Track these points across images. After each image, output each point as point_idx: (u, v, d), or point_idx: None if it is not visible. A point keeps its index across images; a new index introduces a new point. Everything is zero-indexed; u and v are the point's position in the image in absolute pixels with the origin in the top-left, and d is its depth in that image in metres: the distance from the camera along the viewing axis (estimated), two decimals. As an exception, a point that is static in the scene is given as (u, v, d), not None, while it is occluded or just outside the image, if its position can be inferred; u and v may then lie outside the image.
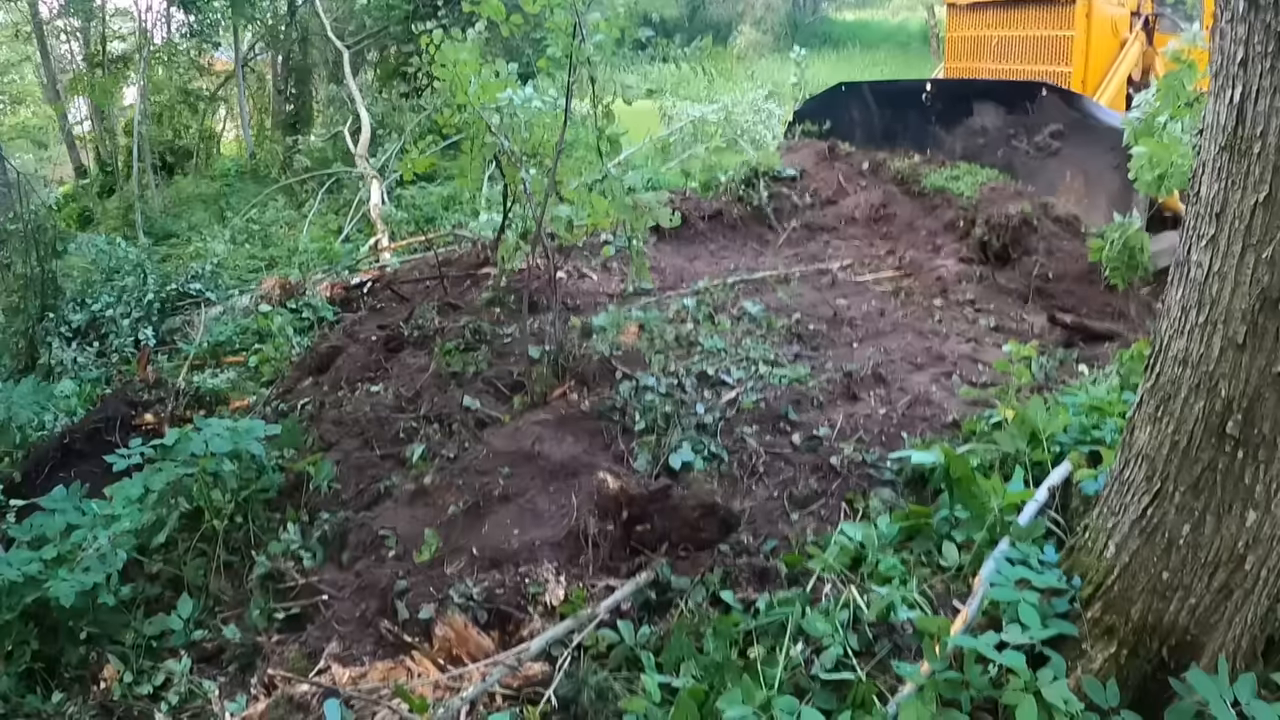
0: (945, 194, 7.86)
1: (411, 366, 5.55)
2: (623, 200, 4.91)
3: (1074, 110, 7.04)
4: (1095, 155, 6.70)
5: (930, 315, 6.37)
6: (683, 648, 3.10)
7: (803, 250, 7.96)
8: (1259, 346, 2.33)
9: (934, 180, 8.03)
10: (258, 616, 3.78)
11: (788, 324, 6.10)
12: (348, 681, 3.20)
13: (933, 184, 8.02)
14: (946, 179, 7.97)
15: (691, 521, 3.70)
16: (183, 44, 19.22)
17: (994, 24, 8.87)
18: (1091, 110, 7.16)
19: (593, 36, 4.61)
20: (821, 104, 9.60)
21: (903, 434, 4.47)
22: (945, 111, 8.21)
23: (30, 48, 21.60)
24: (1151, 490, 2.61)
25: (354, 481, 4.59)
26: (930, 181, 8.05)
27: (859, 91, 9.24)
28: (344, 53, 16.21)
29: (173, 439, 4.29)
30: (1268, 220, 2.26)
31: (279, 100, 20.48)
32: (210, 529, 4.17)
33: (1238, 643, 2.57)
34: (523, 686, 3.12)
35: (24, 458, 5.90)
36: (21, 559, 3.71)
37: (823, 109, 9.48)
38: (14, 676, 3.57)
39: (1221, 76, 2.36)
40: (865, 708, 2.73)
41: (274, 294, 8.07)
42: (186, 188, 17.89)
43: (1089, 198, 6.86)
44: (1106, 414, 3.91)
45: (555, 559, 3.69)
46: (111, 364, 7.75)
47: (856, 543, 3.48)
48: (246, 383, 6.67)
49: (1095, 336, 5.79)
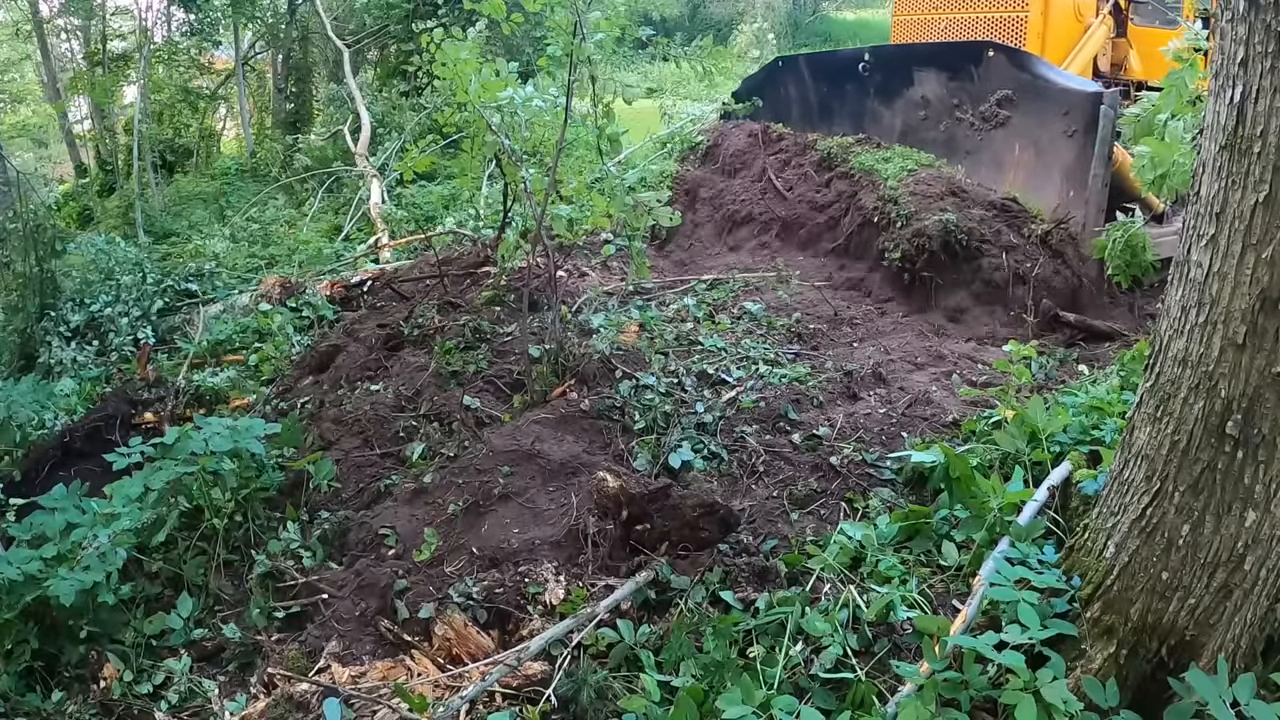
0: (872, 176, 6.97)
1: (411, 365, 5.55)
2: (622, 199, 4.91)
3: (1023, 72, 6.42)
4: (1047, 123, 6.09)
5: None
6: (682, 647, 3.10)
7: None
8: (1259, 346, 2.33)
9: (862, 160, 7.15)
10: (257, 615, 3.79)
11: (788, 323, 6.10)
12: (347, 680, 3.20)
13: (861, 164, 7.15)
14: (877, 160, 7.08)
15: (691, 521, 3.69)
16: (183, 42, 19.20)
17: (943, 6, 8.31)
18: (1043, 71, 6.47)
19: (593, 35, 4.61)
20: (759, 81, 8.93)
21: (903, 434, 4.47)
22: (885, 83, 7.53)
23: (30, 46, 21.59)
24: (1151, 490, 2.61)
25: (354, 480, 4.59)
26: (859, 161, 7.18)
27: (795, 66, 8.53)
28: (344, 51, 16.20)
29: (173, 438, 4.29)
30: (1268, 220, 2.26)
31: (279, 99, 20.47)
32: (210, 528, 4.17)
33: (1237, 643, 2.57)
34: (522, 686, 3.12)
35: (24, 456, 5.90)
36: (21, 558, 3.70)
37: (760, 87, 8.82)
38: (14, 675, 3.57)
39: (1222, 76, 2.35)
40: (864, 707, 2.74)
41: (274, 292, 8.07)
42: (187, 186, 17.87)
43: (1040, 172, 6.27)
44: (1106, 414, 3.91)
45: (555, 558, 3.69)
46: (110, 362, 7.75)
47: (856, 542, 3.48)
48: (246, 381, 6.67)
49: (1097, 336, 5.79)
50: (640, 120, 14.66)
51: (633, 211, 4.92)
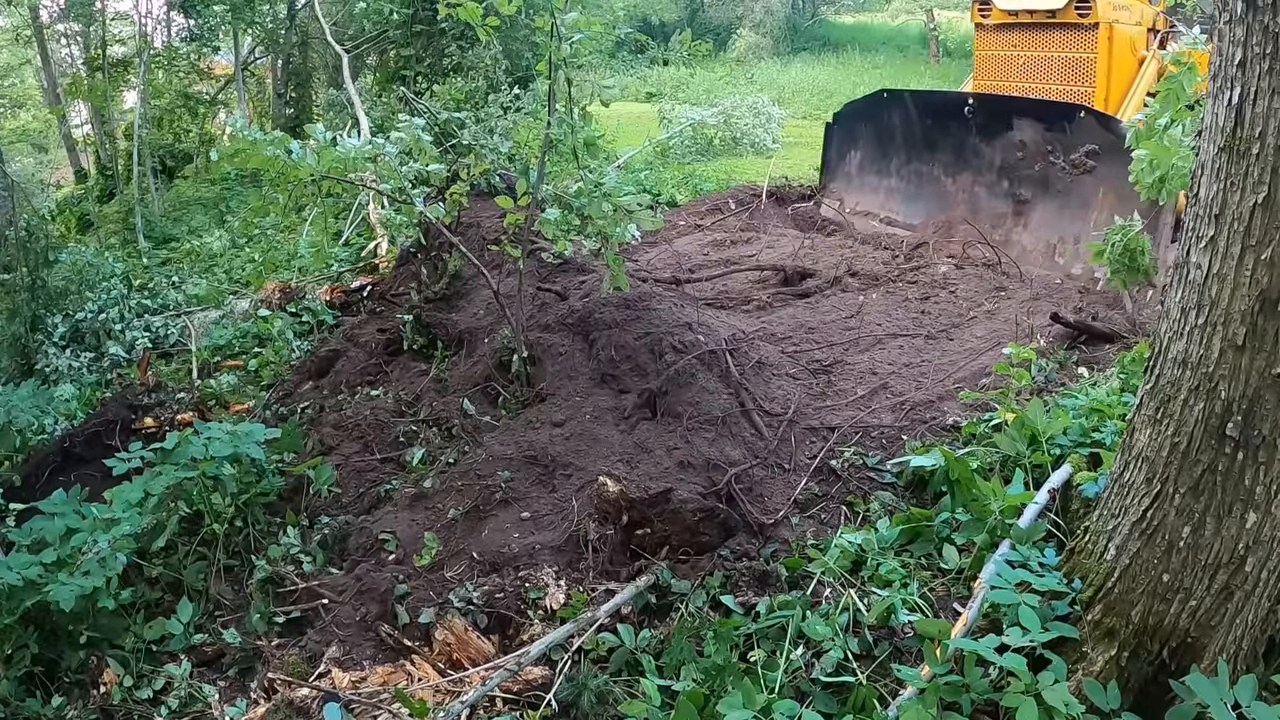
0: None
1: (411, 370, 5.56)
2: (599, 206, 4.81)
3: (1109, 132, 7.27)
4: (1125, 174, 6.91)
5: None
6: (683, 651, 3.10)
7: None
8: (1258, 348, 2.33)
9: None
10: (258, 620, 3.78)
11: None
12: (348, 685, 3.20)
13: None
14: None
15: (691, 525, 3.69)
16: (183, 48, 19.22)
17: (1021, 45, 9.13)
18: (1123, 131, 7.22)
19: (571, 36, 4.55)
20: (863, 109, 9.68)
21: (903, 437, 4.47)
22: (986, 125, 8.36)
23: (31, 51, 21.63)
24: (1151, 492, 2.61)
25: (354, 485, 4.59)
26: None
27: (900, 100, 9.33)
28: (343, 57, 16.19)
29: (172, 443, 4.29)
30: (1266, 221, 2.26)
31: (279, 104, 20.47)
32: (210, 533, 4.17)
33: (1238, 644, 2.56)
34: (523, 690, 3.12)
35: (24, 461, 5.90)
36: (21, 563, 3.71)
37: (864, 114, 9.56)
38: (14, 680, 3.57)
39: (1220, 78, 2.35)
40: (866, 711, 2.73)
41: (274, 298, 8.08)
42: (186, 191, 17.90)
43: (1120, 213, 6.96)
44: (1106, 416, 3.91)
45: (555, 563, 3.68)
46: (104, 369, 7.75)
47: (857, 546, 3.48)
48: (246, 387, 6.68)
49: (1098, 338, 5.78)
50: (639, 125, 14.68)
51: (611, 218, 4.83)
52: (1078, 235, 7.53)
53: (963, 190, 8.64)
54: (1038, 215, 7.94)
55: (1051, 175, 7.82)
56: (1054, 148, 7.76)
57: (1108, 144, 7.30)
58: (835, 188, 9.86)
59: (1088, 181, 7.57)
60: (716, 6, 29.99)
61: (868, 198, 9.48)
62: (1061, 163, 7.71)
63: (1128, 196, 6.86)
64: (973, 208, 8.40)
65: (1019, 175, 8.11)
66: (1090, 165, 7.54)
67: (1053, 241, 7.70)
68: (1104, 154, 7.42)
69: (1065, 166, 7.70)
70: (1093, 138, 7.47)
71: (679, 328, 4.96)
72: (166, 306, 8.82)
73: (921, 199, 8.98)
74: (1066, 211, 7.74)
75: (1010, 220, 8.13)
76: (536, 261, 5.84)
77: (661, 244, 8.62)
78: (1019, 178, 8.11)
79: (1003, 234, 7.99)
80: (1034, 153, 7.94)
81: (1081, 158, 7.58)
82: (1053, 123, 7.81)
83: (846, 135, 9.80)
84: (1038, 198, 7.95)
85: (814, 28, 30.28)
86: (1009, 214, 8.15)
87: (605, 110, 5.65)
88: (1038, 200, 7.95)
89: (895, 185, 9.31)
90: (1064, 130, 7.68)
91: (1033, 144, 7.95)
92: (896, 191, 9.28)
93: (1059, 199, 7.81)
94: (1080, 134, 7.55)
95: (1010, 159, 8.18)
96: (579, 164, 4.91)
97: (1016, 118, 8.12)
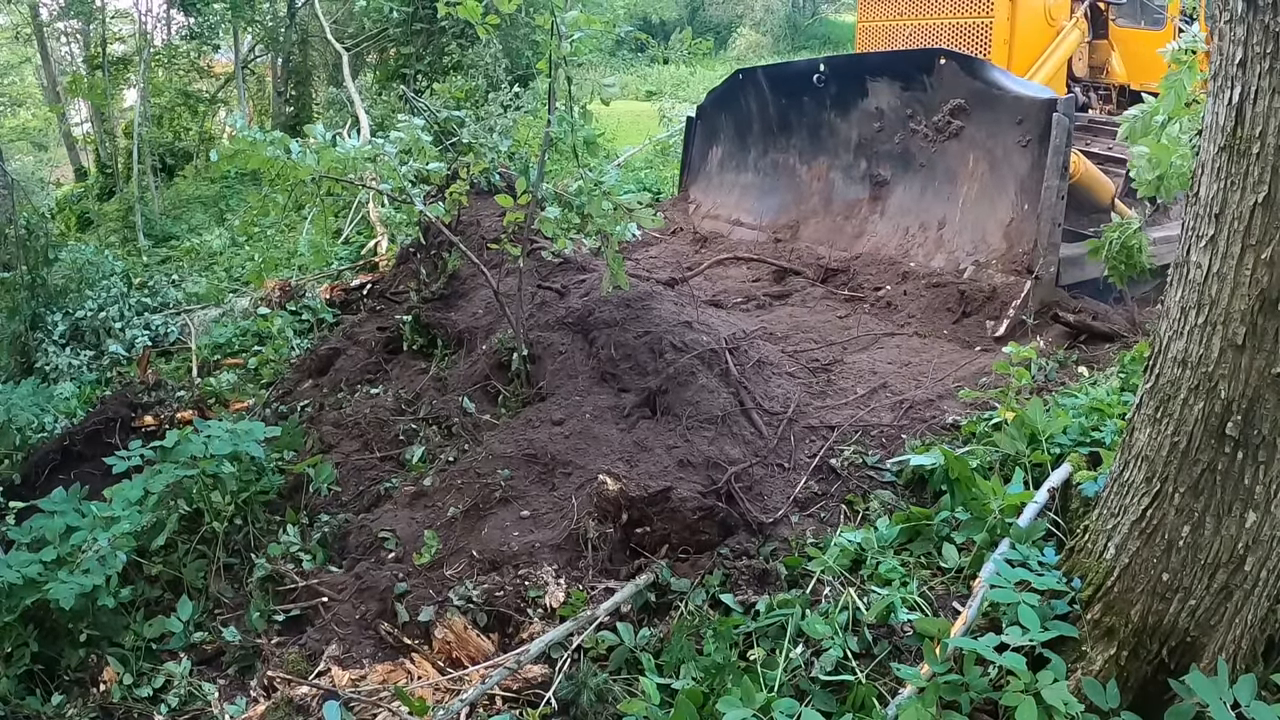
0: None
1: (411, 368, 5.55)
2: (599, 205, 4.78)
3: (975, 79, 6.11)
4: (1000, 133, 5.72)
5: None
6: (682, 650, 3.10)
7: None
8: (1258, 347, 2.33)
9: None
10: (257, 619, 3.79)
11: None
12: (347, 684, 3.20)
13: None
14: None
15: (691, 524, 3.70)
16: (183, 46, 19.25)
17: (906, 12, 8.10)
18: (995, 78, 6.19)
19: (570, 35, 4.53)
20: (722, 94, 8.41)
21: (902, 436, 4.47)
22: (840, 94, 7.14)
23: (31, 50, 21.65)
24: (1151, 492, 2.61)
25: (354, 483, 4.59)
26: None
27: (754, 78, 7.98)
28: (343, 55, 16.20)
29: (172, 441, 4.30)
30: (1267, 221, 2.25)
31: (279, 102, 20.49)
32: (210, 531, 4.17)
33: (1238, 644, 2.57)
34: (522, 689, 3.13)
35: (24, 459, 5.91)
36: (21, 561, 3.71)
37: (723, 100, 8.34)
38: (14, 678, 3.58)
39: (1220, 77, 2.35)
40: (865, 710, 2.73)
41: (273, 296, 8.08)
42: (186, 189, 17.92)
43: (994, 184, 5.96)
44: (1106, 415, 3.90)
45: (555, 561, 3.68)
46: (104, 367, 7.76)
47: (856, 545, 3.48)
48: (246, 385, 6.68)
49: (1098, 337, 5.78)
50: (639, 123, 14.70)
51: (611, 216, 4.81)
52: (943, 218, 6.38)
53: (817, 179, 7.45)
54: (897, 198, 6.77)
55: (913, 146, 6.59)
56: (914, 111, 6.54)
57: (974, 94, 6.13)
58: (696, 191, 8.72)
59: (953, 148, 6.30)
60: (717, 5, 30.00)
61: (724, 198, 8.34)
62: (924, 129, 6.47)
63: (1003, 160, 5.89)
64: (826, 198, 7.27)
65: (877, 152, 6.87)
66: (956, 126, 6.26)
67: (912, 230, 6.54)
68: (971, 109, 6.18)
69: (928, 132, 6.45)
70: (956, 90, 6.23)
71: (679, 326, 4.96)
72: (166, 304, 8.85)
73: (776, 193, 7.80)
74: (930, 190, 6.52)
75: (866, 208, 6.94)
76: (536, 260, 5.83)
77: (661, 243, 8.61)
78: (877, 155, 6.88)
79: (856, 225, 6.88)
80: (893, 121, 6.74)
81: (945, 117, 6.30)
82: (910, 79, 6.54)
83: (709, 130, 8.62)
84: (898, 176, 6.76)
85: (814, 26, 30.28)
86: (864, 201, 6.97)
87: (605, 109, 5.66)
88: (898, 180, 6.77)
89: (751, 181, 8.12)
90: (924, 86, 6.45)
91: (891, 110, 6.73)
92: (752, 188, 8.09)
93: (921, 175, 6.57)
94: (943, 88, 6.32)
95: (867, 132, 6.94)
96: (579, 162, 4.91)
97: (870, 79, 6.84)
